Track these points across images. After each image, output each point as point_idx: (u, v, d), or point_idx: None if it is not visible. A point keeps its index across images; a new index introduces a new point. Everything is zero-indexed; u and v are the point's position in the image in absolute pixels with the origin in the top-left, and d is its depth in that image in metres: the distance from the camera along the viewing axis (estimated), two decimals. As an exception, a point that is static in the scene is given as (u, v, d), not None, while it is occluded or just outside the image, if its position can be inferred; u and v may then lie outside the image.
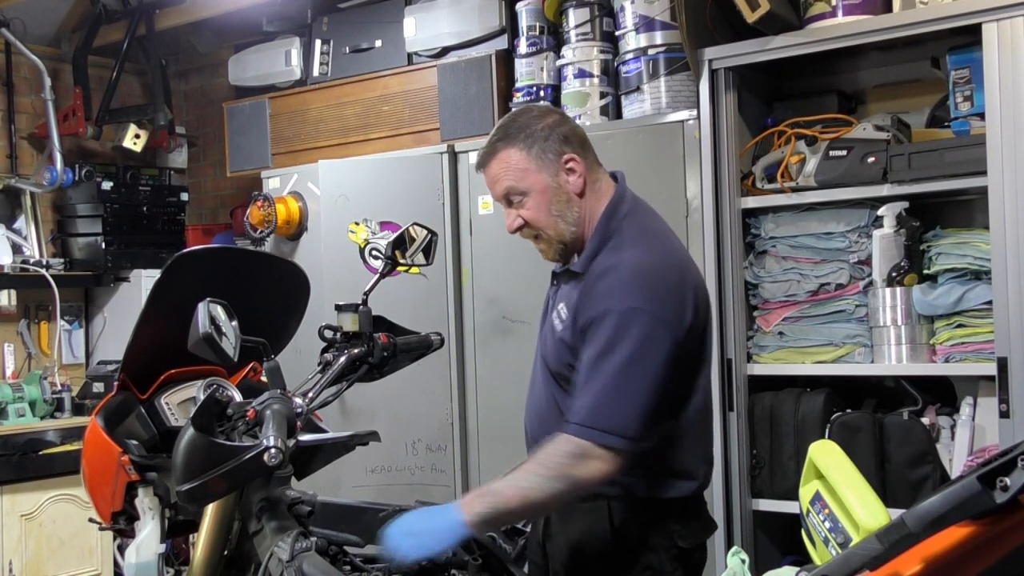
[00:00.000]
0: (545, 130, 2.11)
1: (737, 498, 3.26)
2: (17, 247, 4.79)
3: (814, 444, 1.75)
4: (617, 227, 2.13)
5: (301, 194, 4.31)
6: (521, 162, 2.11)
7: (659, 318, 1.99)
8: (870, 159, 3.12)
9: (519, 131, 2.12)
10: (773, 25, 3.16)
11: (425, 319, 3.55)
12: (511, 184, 2.12)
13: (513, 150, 2.12)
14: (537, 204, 2.12)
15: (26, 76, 4.94)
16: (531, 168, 2.11)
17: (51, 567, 4.29)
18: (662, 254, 2.10)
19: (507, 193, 2.14)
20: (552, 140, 2.12)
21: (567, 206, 2.13)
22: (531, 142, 2.11)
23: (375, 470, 3.90)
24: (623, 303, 1.99)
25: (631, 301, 1.99)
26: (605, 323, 2.00)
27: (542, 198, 2.12)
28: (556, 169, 2.12)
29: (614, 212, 2.14)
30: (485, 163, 2.17)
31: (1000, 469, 1.29)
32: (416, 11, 4.12)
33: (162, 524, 2.29)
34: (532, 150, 2.11)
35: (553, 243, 2.16)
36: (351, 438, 2.31)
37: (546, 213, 2.13)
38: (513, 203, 2.15)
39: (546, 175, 2.12)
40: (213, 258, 2.55)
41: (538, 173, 2.11)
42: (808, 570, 1.47)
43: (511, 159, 2.12)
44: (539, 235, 2.17)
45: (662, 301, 2.01)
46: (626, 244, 2.09)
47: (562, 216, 2.13)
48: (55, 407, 4.69)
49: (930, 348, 3.09)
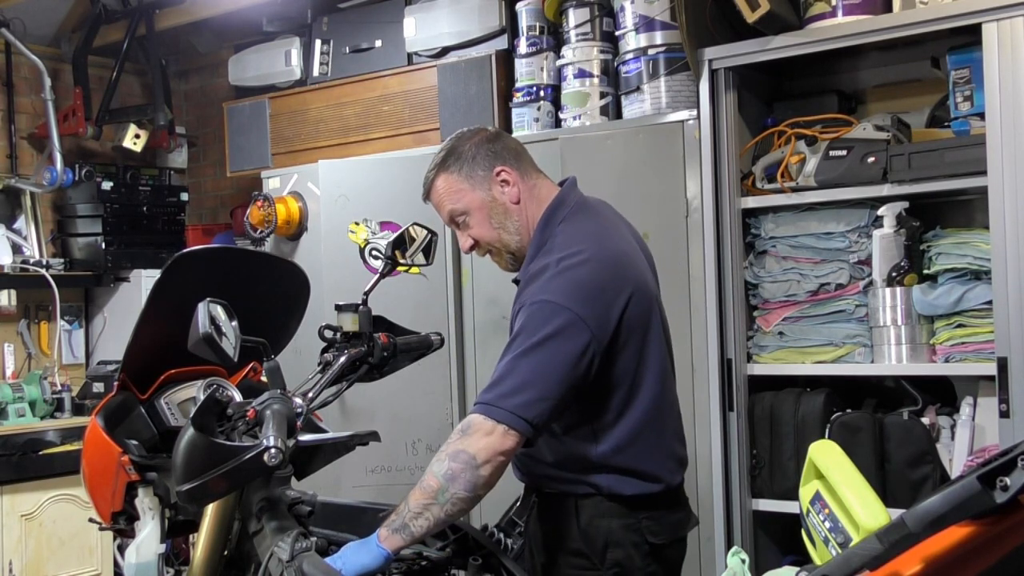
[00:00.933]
0: (472, 148, 2.23)
1: (737, 498, 3.26)
2: (17, 247, 4.79)
3: (814, 444, 1.75)
4: (551, 233, 2.19)
5: (301, 194, 4.31)
6: (454, 184, 2.23)
7: (576, 315, 2.02)
8: (870, 159, 3.12)
9: (448, 156, 2.24)
10: (773, 25, 3.16)
11: (425, 319, 3.55)
12: (450, 207, 2.25)
13: (445, 175, 2.24)
14: (478, 220, 2.24)
15: (26, 76, 4.95)
16: (464, 188, 2.23)
17: (51, 567, 4.29)
18: (591, 255, 2.11)
19: (450, 216, 2.27)
20: (480, 157, 2.23)
21: (506, 217, 2.23)
22: (460, 164, 2.23)
23: (375, 470, 3.90)
24: (539, 296, 2.05)
25: (548, 296, 2.04)
26: (520, 315, 2.07)
27: (481, 214, 2.23)
28: (488, 184, 2.22)
29: (550, 218, 2.22)
30: (427, 195, 2.30)
31: (1000, 469, 1.29)
32: (416, 11, 4.12)
33: (162, 524, 2.29)
34: (462, 171, 2.23)
35: (503, 255, 2.27)
36: (351, 438, 2.31)
37: (488, 227, 2.24)
38: (459, 225, 2.27)
39: (480, 191, 2.22)
40: (213, 258, 2.55)
41: (472, 191, 2.23)
42: (808, 570, 1.47)
43: (445, 184, 2.24)
44: (490, 250, 2.28)
45: (583, 301, 2.04)
46: (556, 248, 2.15)
47: (503, 228, 2.23)
48: (55, 407, 4.69)
49: (930, 348, 3.09)
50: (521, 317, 2.07)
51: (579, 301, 2.04)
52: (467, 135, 2.28)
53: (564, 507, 2.18)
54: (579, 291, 2.05)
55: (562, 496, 2.18)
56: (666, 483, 2.21)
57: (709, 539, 3.26)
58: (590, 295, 2.05)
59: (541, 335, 2.01)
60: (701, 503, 3.24)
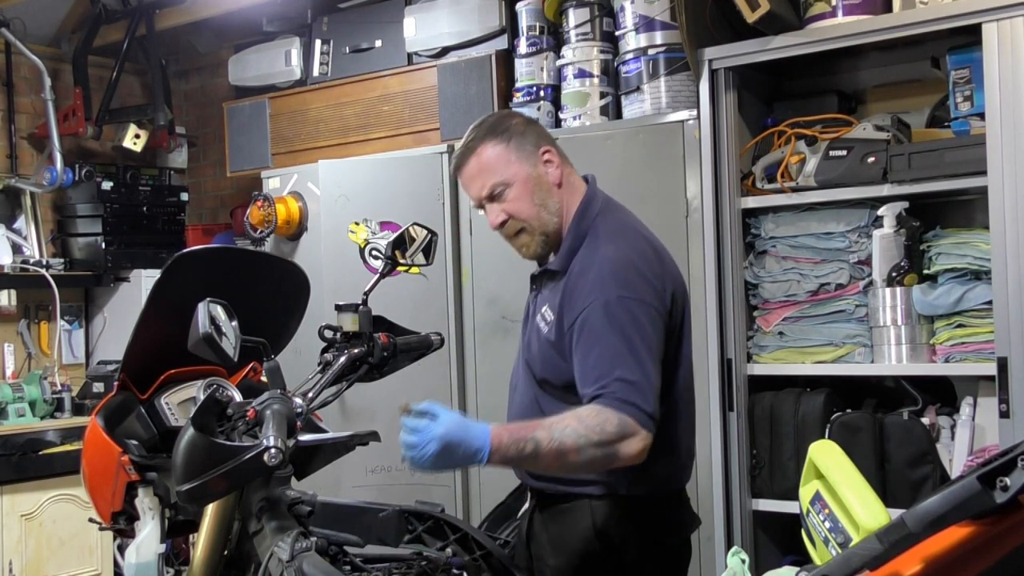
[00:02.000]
0: (520, 126, 2.19)
1: (737, 498, 3.26)
2: (17, 247, 4.79)
3: (814, 444, 1.75)
4: (591, 225, 2.17)
5: (301, 194, 4.31)
6: (502, 154, 2.16)
7: (643, 302, 2.04)
8: (870, 159, 3.12)
9: (495, 127, 2.18)
10: (773, 25, 3.16)
11: (425, 319, 3.55)
12: (495, 179, 2.16)
13: (491, 144, 2.16)
14: (519, 194, 2.16)
15: (26, 76, 4.94)
16: (512, 159, 2.16)
17: (51, 567, 4.29)
18: (639, 247, 2.14)
19: (491, 189, 2.17)
20: (528, 134, 2.18)
21: (548, 195, 2.17)
22: (508, 136, 2.17)
23: (375, 470, 3.89)
24: (607, 294, 2.03)
25: (615, 291, 2.03)
26: (595, 314, 2.03)
27: (524, 188, 2.16)
28: (535, 160, 2.17)
29: (586, 210, 2.19)
30: (464, 162, 2.20)
31: (1000, 469, 1.29)
32: (416, 11, 4.12)
33: (162, 524, 2.29)
34: (511, 143, 2.16)
35: (536, 235, 2.19)
36: (351, 438, 2.31)
37: (529, 202, 2.16)
38: (495, 198, 2.18)
39: (527, 165, 2.16)
40: (213, 258, 2.55)
41: (519, 163, 2.16)
42: (808, 570, 1.47)
43: (491, 153, 2.16)
44: (523, 228, 2.20)
45: (643, 290, 2.06)
46: (602, 241, 2.13)
47: (544, 206, 2.17)
48: (55, 407, 4.69)
49: (930, 348, 3.09)
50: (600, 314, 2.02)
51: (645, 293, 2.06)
52: (510, 114, 2.26)
53: (578, 509, 2.15)
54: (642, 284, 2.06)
55: (574, 497, 2.15)
56: (679, 482, 2.22)
57: (709, 539, 3.26)
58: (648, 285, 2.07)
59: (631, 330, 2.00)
60: (701, 503, 3.24)
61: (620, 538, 2.13)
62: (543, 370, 2.16)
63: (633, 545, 2.14)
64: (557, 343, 2.11)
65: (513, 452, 1.90)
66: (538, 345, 2.18)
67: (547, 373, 2.15)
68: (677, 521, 2.23)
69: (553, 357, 2.12)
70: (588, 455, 1.92)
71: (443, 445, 1.86)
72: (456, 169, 2.24)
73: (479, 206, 2.24)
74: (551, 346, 2.13)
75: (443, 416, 1.89)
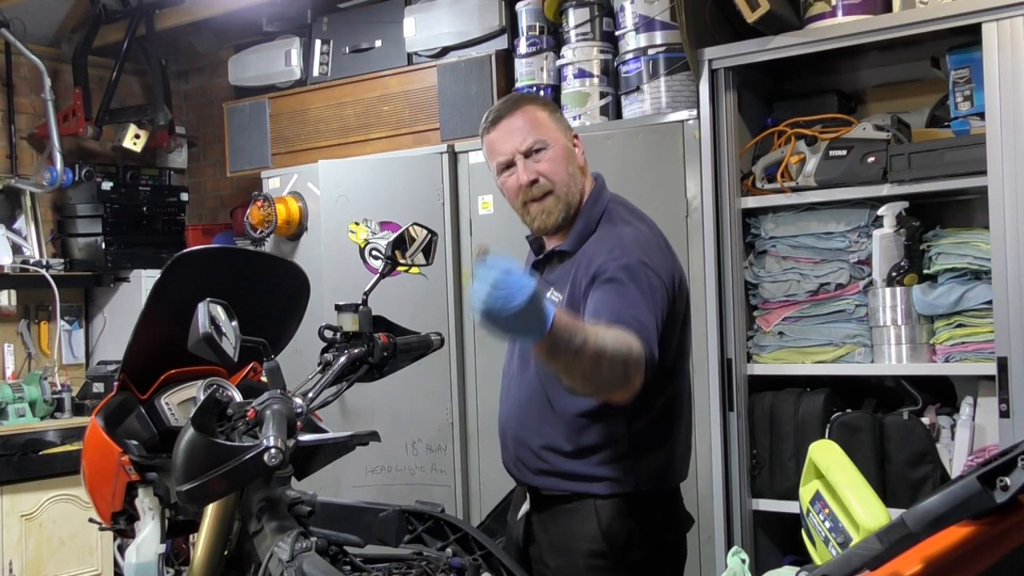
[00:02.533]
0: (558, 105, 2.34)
1: (737, 498, 3.26)
2: (17, 247, 4.79)
3: (814, 444, 1.75)
4: (604, 209, 2.23)
5: (301, 194, 4.31)
6: (547, 118, 2.23)
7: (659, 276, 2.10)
8: (870, 159, 3.12)
9: (536, 98, 2.33)
10: (773, 25, 3.16)
11: (425, 319, 3.56)
12: (538, 136, 2.20)
13: (537, 107, 2.24)
14: (556, 157, 2.20)
15: (26, 76, 4.95)
16: (554, 127, 2.23)
17: (51, 567, 4.29)
18: (655, 232, 2.24)
19: (531, 143, 2.19)
20: (562, 114, 2.31)
21: (577, 170, 2.25)
22: (551, 108, 2.28)
23: (375, 470, 3.90)
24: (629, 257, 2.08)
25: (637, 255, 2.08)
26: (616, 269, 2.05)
27: (561, 154, 2.22)
28: (570, 137, 2.27)
29: (599, 197, 2.26)
30: (508, 114, 2.22)
31: (1000, 469, 1.29)
32: (416, 11, 4.13)
33: (162, 524, 2.29)
34: (555, 114, 2.27)
35: (561, 202, 2.21)
36: (351, 438, 2.31)
37: (564, 168, 2.21)
38: (530, 154, 2.20)
39: (565, 137, 2.25)
40: (213, 258, 2.55)
41: (560, 132, 2.24)
42: (808, 570, 1.47)
43: (537, 114, 2.22)
44: (551, 191, 2.20)
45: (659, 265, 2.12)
46: (619, 224, 2.20)
47: (573, 177, 2.23)
48: (55, 407, 4.69)
49: (930, 348, 3.09)
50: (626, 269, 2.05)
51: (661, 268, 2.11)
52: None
53: (582, 509, 2.16)
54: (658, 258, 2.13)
55: (578, 497, 2.17)
56: (679, 476, 2.25)
57: (709, 539, 3.26)
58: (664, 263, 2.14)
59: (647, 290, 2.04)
60: (701, 503, 3.24)
61: (626, 537, 2.14)
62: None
63: (638, 543, 2.15)
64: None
65: (567, 336, 1.77)
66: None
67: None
68: (675, 519, 2.26)
69: None
70: (615, 369, 1.86)
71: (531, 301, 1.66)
72: (494, 121, 2.23)
73: (505, 166, 2.22)
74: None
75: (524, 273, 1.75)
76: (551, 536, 2.20)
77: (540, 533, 2.23)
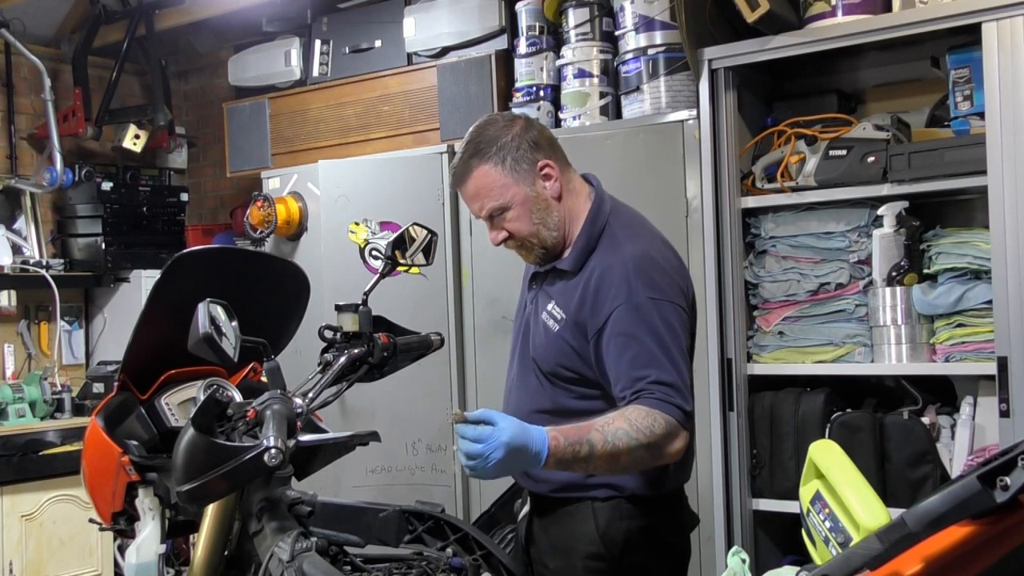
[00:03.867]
0: (515, 140, 2.13)
1: (737, 498, 3.26)
2: (17, 247, 4.79)
3: (814, 444, 1.75)
4: (605, 224, 2.17)
5: (301, 194, 4.31)
6: (498, 178, 2.13)
7: (671, 303, 2.07)
8: (870, 159, 3.12)
9: (490, 145, 2.13)
10: (773, 25, 3.16)
11: (425, 319, 3.55)
12: (492, 204, 2.15)
13: (488, 166, 2.13)
14: (518, 215, 2.15)
15: (26, 76, 4.95)
16: (508, 182, 2.13)
17: (51, 568, 4.29)
18: (656, 244, 2.18)
19: (488, 211, 2.17)
20: (523, 149, 2.13)
21: (547, 213, 2.16)
22: (503, 155, 2.13)
23: (375, 470, 3.90)
24: (635, 297, 2.05)
25: (643, 293, 2.05)
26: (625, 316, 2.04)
27: (523, 209, 2.15)
28: (532, 178, 2.15)
29: (598, 211, 2.19)
30: (461, 181, 2.18)
31: (1000, 468, 1.28)
32: (416, 11, 4.13)
33: (162, 524, 2.29)
34: (506, 163, 2.13)
35: (535, 249, 2.20)
36: (351, 438, 2.31)
37: (528, 223, 2.16)
38: (494, 218, 2.18)
39: (524, 186, 2.14)
40: (213, 258, 2.55)
41: (516, 185, 2.14)
42: (808, 570, 1.47)
43: (488, 177, 2.14)
44: (522, 244, 2.21)
45: (668, 289, 2.09)
46: (621, 240, 2.14)
47: (543, 224, 2.16)
48: (55, 408, 4.69)
49: (930, 348, 3.09)
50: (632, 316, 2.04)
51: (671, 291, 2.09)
52: (506, 123, 2.16)
53: (581, 512, 2.16)
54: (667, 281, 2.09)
55: (577, 501, 2.17)
56: (680, 480, 2.24)
57: (709, 539, 3.26)
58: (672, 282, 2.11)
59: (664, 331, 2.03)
60: (701, 503, 3.24)
61: (624, 540, 2.14)
62: (554, 364, 2.17)
63: (636, 546, 2.15)
64: (571, 339, 2.12)
65: (569, 454, 1.91)
66: (546, 341, 2.18)
67: (558, 367, 2.16)
68: (678, 521, 2.25)
69: (566, 352, 2.14)
70: (637, 456, 1.95)
71: (508, 451, 1.84)
72: (453, 184, 2.24)
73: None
74: (563, 342, 2.14)
75: (502, 422, 1.87)
76: (551, 538, 2.21)
77: (540, 534, 2.23)
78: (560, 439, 1.91)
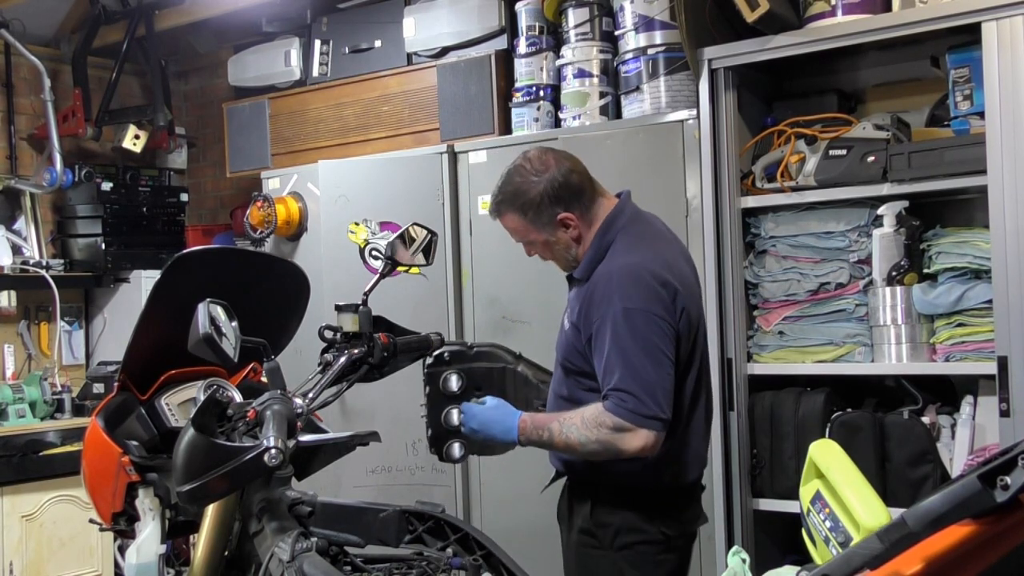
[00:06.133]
0: (537, 197, 2.34)
1: (737, 498, 3.26)
2: (17, 248, 4.79)
3: (814, 443, 1.75)
4: (611, 239, 2.36)
5: (301, 194, 4.31)
6: (521, 226, 2.40)
7: (646, 312, 2.25)
8: (870, 158, 3.12)
9: (517, 197, 2.37)
10: (773, 25, 3.16)
11: (425, 319, 3.55)
12: (519, 237, 2.45)
13: (514, 215, 2.40)
14: (543, 249, 2.45)
15: (26, 77, 4.94)
16: (531, 228, 2.40)
17: (52, 568, 4.29)
18: (648, 259, 2.32)
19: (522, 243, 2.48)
20: (545, 204, 2.35)
21: (567, 250, 2.41)
22: (526, 208, 2.37)
23: (375, 470, 3.89)
24: (613, 308, 2.24)
25: (620, 304, 2.24)
26: (607, 325, 2.25)
27: (545, 247, 2.43)
28: (552, 228, 2.38)
29: (610, 225, 2.37)
30: (496, 216, 2.47)
31: (1000, 468, 1.28)
32: (416, 11, 4.13)
33: (163, 525, 2.29)
34: (527, 215, 2.37)
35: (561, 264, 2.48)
36: (351, 438, 2.31)
37: (550, 255, 2.45)
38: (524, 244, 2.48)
39: (545, 233, 2.39)
40: (213, 259, 2.55)
41: (538, 232, 2.40)
42: (809, 569, 1.47)
43: (514, 222, 2.41)
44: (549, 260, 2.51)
45: (647, 299, 2.26)
46: (619, 254, 2.33)
47: (564, 257, 2.43)
48: (55, 408, 4.68)
49: (930, 347, 3.09)
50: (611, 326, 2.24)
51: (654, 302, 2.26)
52: (533, 172, 2.36)
53: (585, 491, 2.39)
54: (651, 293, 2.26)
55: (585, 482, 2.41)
56: (684, 481, 2.41)
57: (709, 539, 3.25)
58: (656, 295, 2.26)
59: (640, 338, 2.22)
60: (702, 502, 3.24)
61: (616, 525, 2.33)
62: (564, 358, 2.42)
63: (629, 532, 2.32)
64: (574, 339, 2.35)
65: (535, 436, 2.31)
66: (563, 337, 2.43)
67: (566, 360, 2.40)
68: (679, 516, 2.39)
69: (573, 349, 2.37)
70: (590, 448, 2.25)
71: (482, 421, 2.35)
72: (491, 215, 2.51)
73: None
74: (569, 339, 2.38)
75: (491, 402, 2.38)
76: (568, 510, 2.44)
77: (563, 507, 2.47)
78: (528, 422, 2.32)
